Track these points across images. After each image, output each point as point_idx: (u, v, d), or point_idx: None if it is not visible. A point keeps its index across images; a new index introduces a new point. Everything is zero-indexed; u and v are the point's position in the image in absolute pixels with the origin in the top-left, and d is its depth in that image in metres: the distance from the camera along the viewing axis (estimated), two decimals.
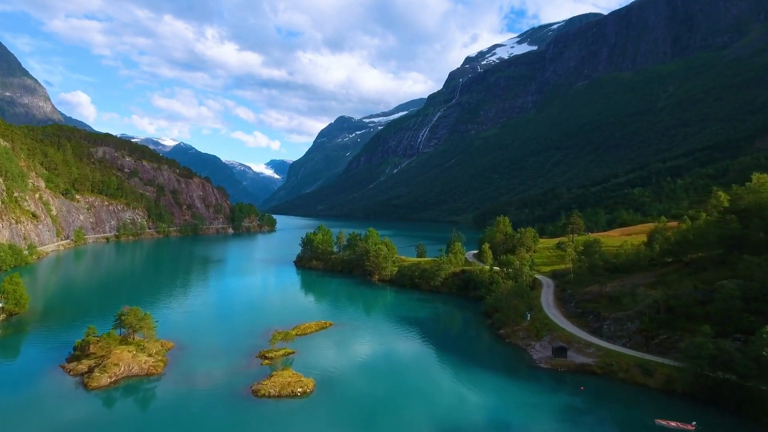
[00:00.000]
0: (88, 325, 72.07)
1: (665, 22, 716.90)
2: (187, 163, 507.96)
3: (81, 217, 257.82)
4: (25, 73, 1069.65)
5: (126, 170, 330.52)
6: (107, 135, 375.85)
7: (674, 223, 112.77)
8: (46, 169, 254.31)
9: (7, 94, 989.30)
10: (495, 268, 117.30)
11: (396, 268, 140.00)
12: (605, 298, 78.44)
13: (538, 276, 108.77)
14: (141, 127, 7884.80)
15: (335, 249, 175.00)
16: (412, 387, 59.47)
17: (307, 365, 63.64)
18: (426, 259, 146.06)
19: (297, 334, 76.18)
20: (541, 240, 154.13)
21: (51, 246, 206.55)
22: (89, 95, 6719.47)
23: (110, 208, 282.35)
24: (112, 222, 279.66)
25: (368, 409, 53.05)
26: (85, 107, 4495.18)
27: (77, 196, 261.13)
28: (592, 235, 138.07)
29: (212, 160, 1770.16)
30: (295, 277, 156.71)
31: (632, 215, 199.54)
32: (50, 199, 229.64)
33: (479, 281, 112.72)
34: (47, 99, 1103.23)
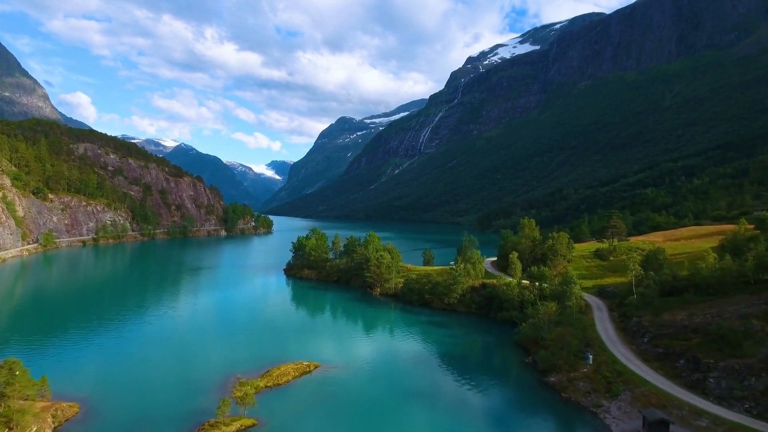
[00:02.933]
0: None
1: (670, 21, 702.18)
2: (189, 164, 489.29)
3: (54, 219, 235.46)
4: (24, 73, 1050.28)
5: (110, 168, 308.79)
6: (91, 131, 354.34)
7: (750, 226, 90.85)
8: (16, 166, 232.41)
9: (6, 94, 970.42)
10: (523, 281, 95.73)
11: (401, 280, 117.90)
12: (699, 333, 56.06)
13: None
14: (141, 128, 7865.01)
15: (331, 255, 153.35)
16: None
17: None
18: (436, 268, 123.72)
19: (266, 386, 53.58)
20: None
21: (13, 251, 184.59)
22: (89, 96, 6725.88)
23: (88, 208, 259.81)
24: (91, 224, 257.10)
25: None
26: (85, 108, 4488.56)
27: (50, 196, 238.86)
28: (635, 240, 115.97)
29: (213, 161, 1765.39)
30: (283, 290, 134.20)
31: (666, 217, 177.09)
32: (16, 198, 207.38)
33: (506, 299, 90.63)
34: (46, 99, 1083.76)
